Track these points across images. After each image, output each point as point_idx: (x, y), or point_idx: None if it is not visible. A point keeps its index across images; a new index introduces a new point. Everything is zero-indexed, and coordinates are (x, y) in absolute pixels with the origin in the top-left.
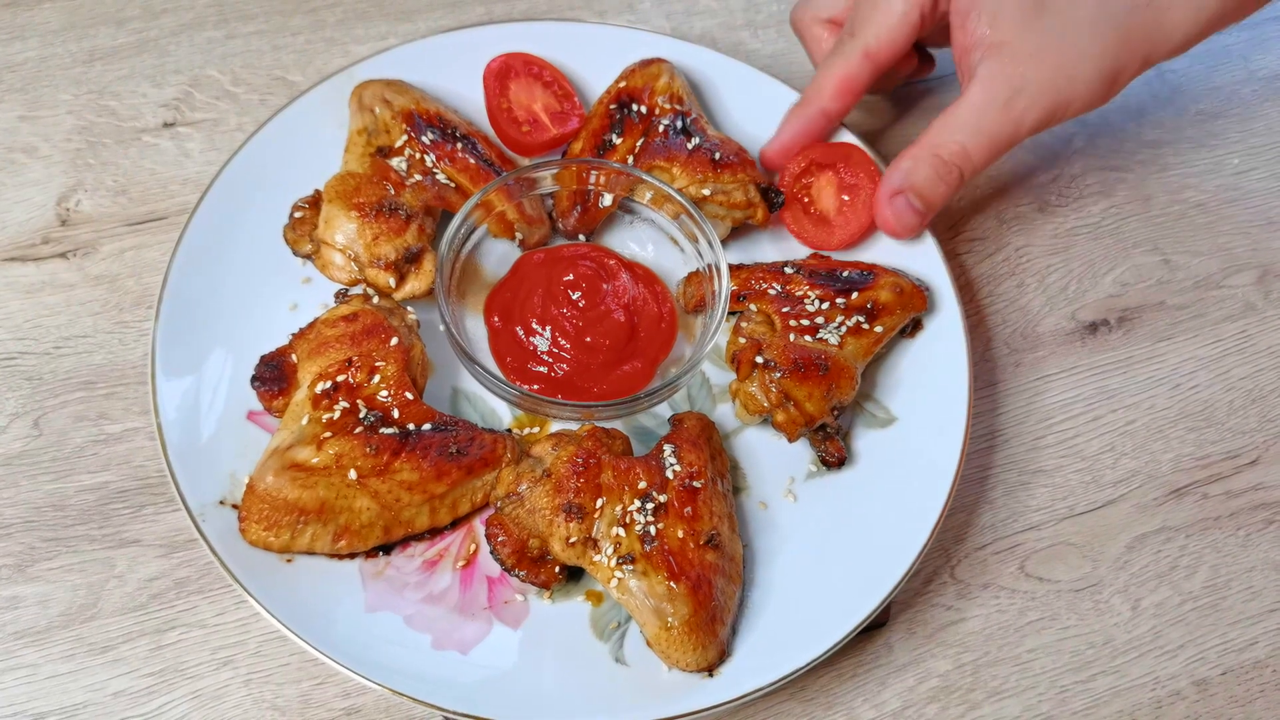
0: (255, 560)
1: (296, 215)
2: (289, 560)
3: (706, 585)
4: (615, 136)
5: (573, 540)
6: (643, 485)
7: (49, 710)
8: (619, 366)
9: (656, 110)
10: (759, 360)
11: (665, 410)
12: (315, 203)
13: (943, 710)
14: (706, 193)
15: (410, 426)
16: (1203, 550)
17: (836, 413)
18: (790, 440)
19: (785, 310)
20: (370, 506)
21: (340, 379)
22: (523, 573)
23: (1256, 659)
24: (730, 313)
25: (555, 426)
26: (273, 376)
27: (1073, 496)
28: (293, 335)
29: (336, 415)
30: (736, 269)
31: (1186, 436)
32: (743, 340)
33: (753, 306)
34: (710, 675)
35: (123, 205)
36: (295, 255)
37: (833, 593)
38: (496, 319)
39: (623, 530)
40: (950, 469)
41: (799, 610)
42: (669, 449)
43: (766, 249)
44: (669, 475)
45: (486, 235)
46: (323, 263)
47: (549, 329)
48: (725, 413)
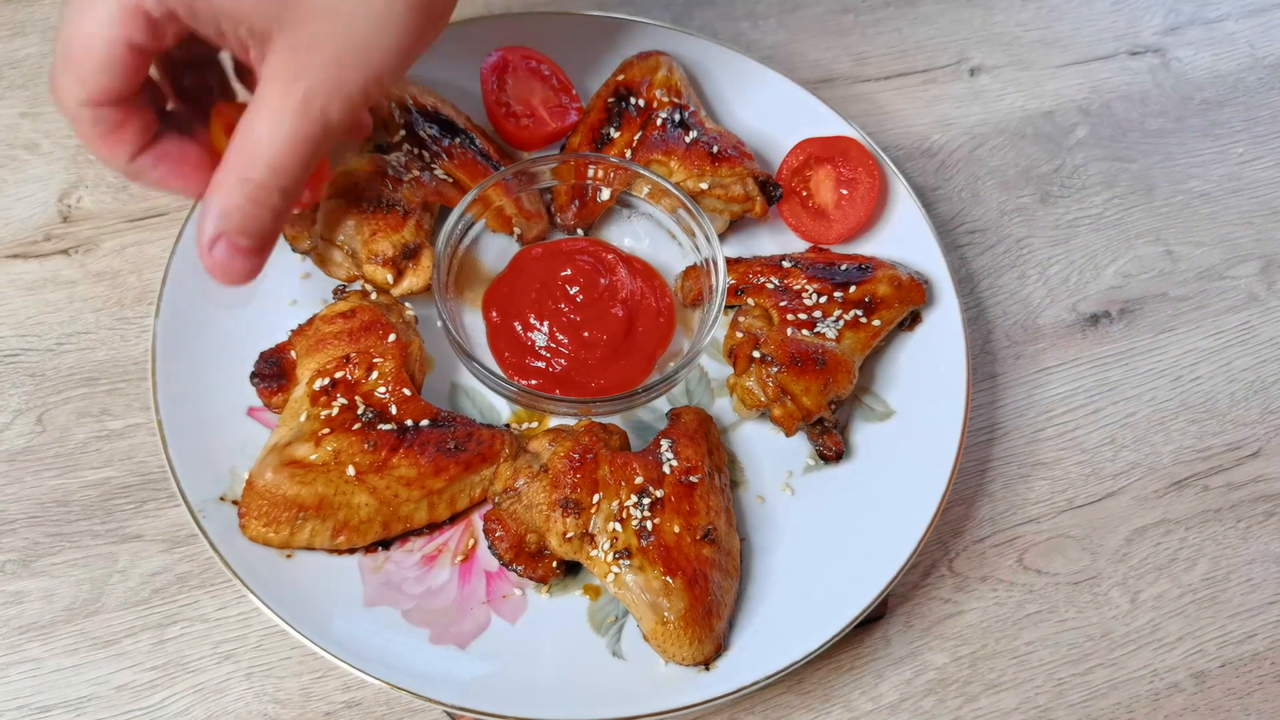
0: (255, 556)
1: (295, 212)
2: (289, 556)
3: (703, 579)
4: (613, 130)
5: (570, 535)
6: (640, 480)
7: (54, 704)
8: (617, 361)
9: (654, 103)
10: (756, 354)
11: (663, 404)
12: None
13: (940, 703)
14: (704, 186)
15: (408, 422)
16: (1203, 543)
17: (834, 406)
18: (788, 434)
19: (783, 304)
20: (369, 502)
21: (339, 375)
22: (520, 567)
23: (1255, 651)
24: (728, 307)
25: (553, 422)
26: (272, 373)
27: (1072, 489)
28: (292, 331)
29: (335, 412)
30: (734, 263)
31: (1188, 429)
32: (740, 334)
33: (750, 300)
34: (707, 669)
35: (124, 201)
36: (294, 251)
37: (830, 586)
38: (494, 314)
39: (619, 525)
40: (948, 462)
41: (796, 604)
42: (666, 444)
43: (764, 243)
44: (666, 470)
45: (484, 230)
46: (321, 259)
47: (547, 324)
48: (723, 407)
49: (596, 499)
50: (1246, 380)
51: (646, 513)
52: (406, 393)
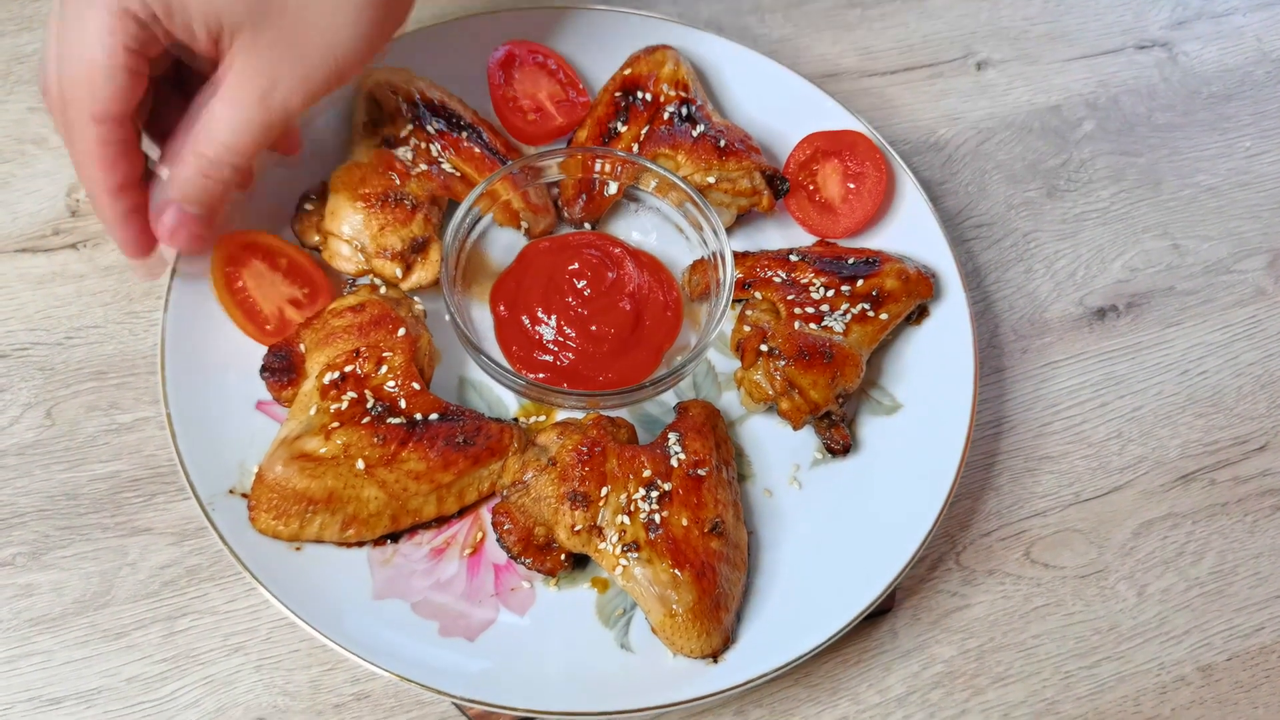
0: (265, 549)
1: (305, 207)
2: (298, 548)
3: (711, 572)
4: (620, 124)
5: (578, 528)
6: (647, 473)
7: (65, 695)
8: (624, 355)
9: (661, 97)
10: (764, 348)
11: (671, 398)
12: (323, 194)
13: (947, 696)
14: (711, 180)
15: (417, 416)
16: (1209, 536)
17: (841, 400)
18: (795, 428)
19: (790, 298)
20: (378, 496)
21: (348, 369)
22: (529, 560)
23: (1262, 644)
24: (735, 300)
25: (561, 415)
26: (281, 367)
27: (1079, 483)
28: (300, 325)
29: (344, 405)
30: (741, 256)
31: (1194, 422)
32: (747, 328)
33: (758, 294)
34: (715, 661)
35: None
36: (303, 246)
37: (837, 579)
38: (502, 308)
39: (627, 518)
40: (955, 456)
41: (804, 597)
42: (674, 437)
43: (772, 236)
44: (674, 463)
45: (492, 224)
46: (330, 253)
47: (555, 318)
48: (731, 400)
49: (604, 492)
50: (1253, 374)
51: (654, 506)
52: (415, 387)
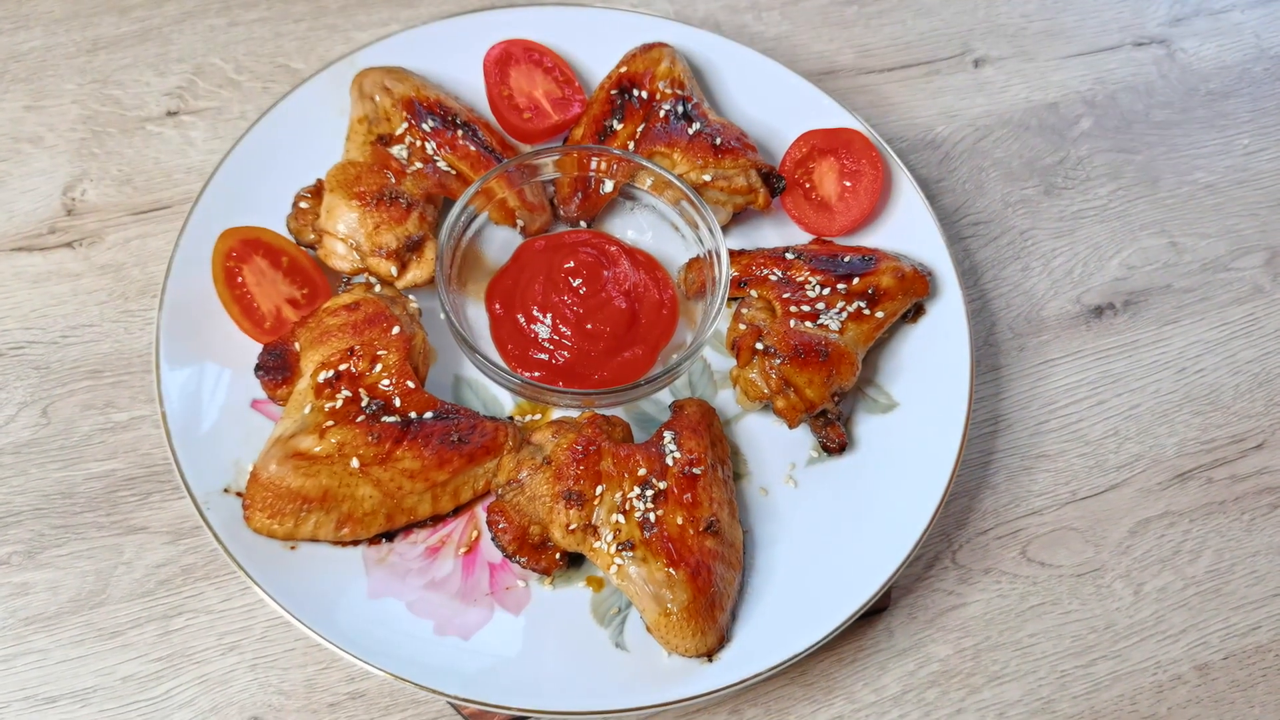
0: (260, 547)
1: (300, 205)
2: (293, 547)
3: (706, 571)
4: (616, 122)
5: (573, 527)
6: (643, 472)
7: (60, 694)
8: (620, 353)
9: (657, 95)
10: (759, 346)
11: (666, 396)
12: (318, 192)
13: (943, 694)
14: (707, 178)
15: (412, 415)
16: (1206, 535)
17: (837, 398)
18: (791, 426)
19: (786, 296)
20: (373, 494)
21: (342, 368)
22: (524, 559)
23: (1259, 643)
24: (731, 298)
25: (556, 413)
26: (276, 365)
27: (1076, 481)
28: (295, 324)
29: (339, 404)
30: (737, 255)
31: (1192, 421)
32: (743, 326)
33: (753, 292)
34: (710, 660)
35: (127, 194)
36: (299, 244)
37: (833, 578)
38: (498, 306)
39: (622, 517)
40: (951, 454)
41: (799, 595)
42: (669, 435)
43: (768, 234)
44: (669, 462)
45: (488, 222)
46: (325, 252)
47: (550, 316)
48: (726, 399)
49: (599, 491)
50: (1251, 372)
51: (649, 504)
52: (410, 385)
